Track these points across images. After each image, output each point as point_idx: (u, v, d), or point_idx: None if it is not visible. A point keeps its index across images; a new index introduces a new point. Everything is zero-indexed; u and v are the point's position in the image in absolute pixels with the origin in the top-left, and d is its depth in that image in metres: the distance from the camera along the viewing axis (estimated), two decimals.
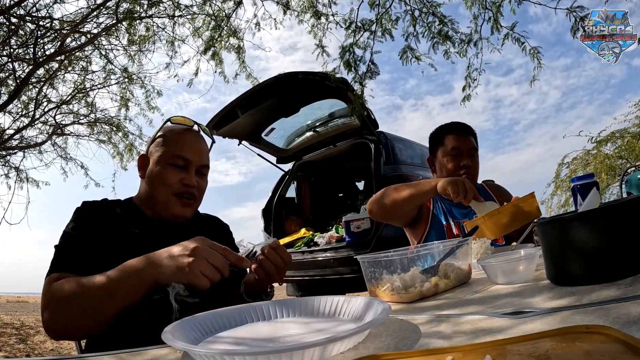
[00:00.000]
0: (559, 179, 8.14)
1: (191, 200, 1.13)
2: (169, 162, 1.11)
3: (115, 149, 6.86)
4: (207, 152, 1.19)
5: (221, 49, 4.55)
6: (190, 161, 1.12)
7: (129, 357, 0.62)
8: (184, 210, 1.12)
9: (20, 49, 5.01)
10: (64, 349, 4.51)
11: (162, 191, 1.10)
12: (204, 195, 1.20)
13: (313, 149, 4.73)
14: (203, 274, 0.80)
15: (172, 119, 1.20)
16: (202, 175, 1.17)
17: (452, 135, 1.79)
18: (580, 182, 1.28)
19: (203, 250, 0.82)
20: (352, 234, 3.82)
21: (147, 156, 1.16)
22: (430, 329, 0.56)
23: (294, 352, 0.46)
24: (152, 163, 1.13)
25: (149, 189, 1.13)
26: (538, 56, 3.61)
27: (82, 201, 1.11)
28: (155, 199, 1.12)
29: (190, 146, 1.13)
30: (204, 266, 0.80)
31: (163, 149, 1.12)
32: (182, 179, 1.10)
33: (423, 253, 0.91)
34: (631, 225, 0.63)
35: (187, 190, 1.11)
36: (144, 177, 1.14)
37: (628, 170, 2.24)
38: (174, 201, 1.10)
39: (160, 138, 1.16)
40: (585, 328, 0.40)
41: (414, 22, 3.91)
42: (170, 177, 1.09)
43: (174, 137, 1.14)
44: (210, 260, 0.81)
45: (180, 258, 0.81)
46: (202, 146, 1.17)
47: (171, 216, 1.12)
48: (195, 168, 1.13)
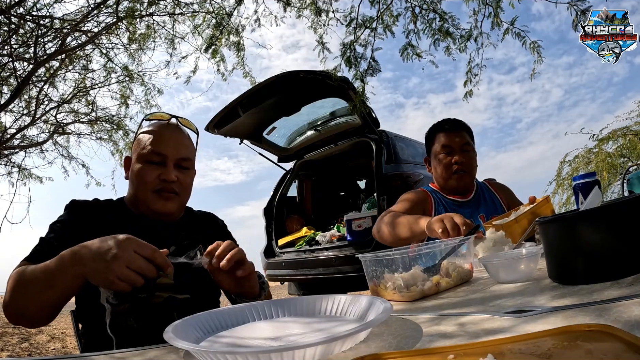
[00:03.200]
0: (560, 177, 8.14)
1: (172, 194, 1.10)
2: (145, 160, 1.09)
3: (115, 147, 6.89)
4: (187, 145, 1.16)
5: (222, 47, 4.55)
6: (166, 155, 1.09)
7: (129, 357, 0.62)
8: (165, 205, 1.09)
9: (21, 48, 5.02)
10: (66, 349, 4.53)
11: (142, 189, 1.09)
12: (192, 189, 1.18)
13: (314, 147, 4.73)
14: (121, 279, 0.76)
15: (148, 116, 1.19)
16: (183, 169, 1.13)
17: (442, 132, 1.79)
18: (581, 180, 1.28)
19: (122, 258, 0.76)
20: (353, 233, 3.82)
21: (130, 157, 1.16)
22: (431, 328, 0.56)
23: (296, 350, 0.46)
24: (133, 162, 1.12)
25: (131, 189, 1.12)
26: (538, 50, 3.61)
27: (71, 199, 1.11)
28: (137, 198, 1.11)
29: (166, 140, 1.11)
30: (123, 274, 0.76)
31: (140, 147, 1.11)
32: (159, 174, 1.08)
33: (425, 252, 0.91)
34: (633, 224, 0.63)
35: (165, 185, 1.09)
36: (128, 178, 1.14)
37: (629, 169, 2.23)
38: (154, 198, 1.08)
39: (139, 136, 1.15)
40: (586, 327, 0.40)
41: (415, 19, 3.91)
42: (147, 174, 1.08)
43: (149, 134, 1.13)
44: (130, 266, 0.76)
45: (99, 263, 0.77)
46: (179, 139, 1.14)
47: (154, 214, 1.10)
48: (173, 162, 1.10)
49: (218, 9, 4.48)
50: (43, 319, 0.89)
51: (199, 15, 4.76)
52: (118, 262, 0.76)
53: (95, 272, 0.78)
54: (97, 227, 1.03)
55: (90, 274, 0.78)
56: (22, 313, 0.88)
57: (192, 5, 4.76)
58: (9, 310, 0.88)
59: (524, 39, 3.63)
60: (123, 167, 1.18)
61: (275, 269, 4.34)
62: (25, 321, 0.91)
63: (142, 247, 0.79)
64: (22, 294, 0.86)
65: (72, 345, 4.56)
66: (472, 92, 3.91)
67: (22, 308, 0.87)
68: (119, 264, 0.76)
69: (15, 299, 0.87)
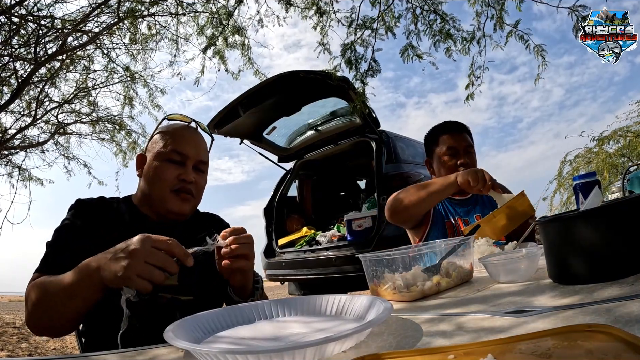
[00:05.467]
0: (561, 176, 8.13)
1: (189, 196, 1.11)
2: (165, 158, 1.10)
3: (118, 148, 6.89)
4: (205, 149, 1.18)
5: (224, 47, 4.55)
6: (187, 156, 1.10)
7: (130, 357, 0.62)
8: (181, 206, 1.10)
9: (21, 49, 5.02)
10: (66, 348, 4.53)
11: (159, 187, 1.09)
12: (203, 193, 1.18)
13: (315, 147, 4.73)
14: (141, 276, 0.75)
15: (169, 116, 1.20)
16: (200, 172, 1.15)
17: (446, 134, 1.79)
18: (582, 180, 1.28)
19: (140, 251, 0.75)
20: (353, 233, 3.82)
21: (145, 155, 1.16)
22: (432, 328, 0.56)
23: (296, 350, 0.46)
24: (149, 160, 1.12)
25: (146, 187, 1.12)
26: (542, 54, 3.59)
27: (77, 199, 1.10)
28: (152, 196, 1.10)
29: (187, 141, 1.12)
30: (140, 269, 0.75)
31: (160, 145, 1.12)
32: (179, 174, 1.09)
33: (425, 251, 0.91)
34: (633, 224, 0.63)
35: (184, 185, 1.09)
36: (142, 176, 1.14)
37: (630, 169, 2.24)
38: (171, 197, 1.09)
39: (157, 135, 1.15)
40: (587, 327, 0.40)
41: (415, 20, 3.90)
42: (167, 172, 1.08)
43: (170, 133, 1.14)
44: (149, 261, 0.75)
45: (116, 262, 0.77)
46: (199, 142, 1.16)
47: (169, 213, 1.10)
48: (192, 163, 1.11)
49: (220, 8, 4.48)
50: (67, 329, 0.92)
51: (202, 16, 4.77)
52: (136, 257, 0.75)
53: (113, 274, 0.76)
54: (103, 225, 1.04)
55: (109, 277, 0.77)
56: (46, 327, 0.90)
57: (195, 5, 4.77)
58: (32, 323, 0.90)
59: (527, 42, 3.62)
60: (135, 164, 1.18)
61: (276, 269, 4.34)
62: (50, 333, 0.93)
63: (159, 240, 0.78)
64: (45, 310, 0.87)
65: (72, 345, 4.56)
66: (473, 95, 3.91)
67: (46, 322, 0.89)
68: (137, 259, 0.75)
69: (38, 315, 0.88)
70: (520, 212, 1.30)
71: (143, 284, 0.75)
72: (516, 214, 1.30)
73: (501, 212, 1.30)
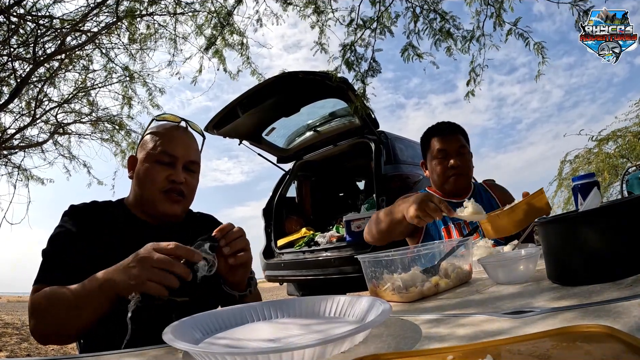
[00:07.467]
0: (561, 176, 8.15)
1: (180, 197, 1.10)
2: (155, 159, 1.09)
3: (117, 147, 6.88)
4: (196, 149, 1.17)
5: (223, 46, 4.55)
6: (176, 157, 1.09)
7: (129, 357, 0.62)
8: (172, 207, 1.09)
9: (20, 48, 5.02)
10: (65, 349, 4.52)
11: (149, 189, 1.08)
12: (196, 193, 1.17)
13: (314, 148, 4.73)
14: (153, 281, 0.77)
15: (158, 117, 1.19)
16: (190, 172, 1.14)
17: (436, 137, 1.79)
18: (580, 181, 1.28)
19: (147, 258, 0.78)
20: (352, 234, 3.81)
21: (136, 157, 1.15)
22: (430, 329, 0.56)
23: (295, 352, 0.46)
24: (140, 162, 1.12)
25: (137, 189, 1.11)
26: (543, 51, 3.58)
27: (70, 205, 1.09)
28: (143, 198, 1.10)
29: (177, 142, 1.11)
30: (151, 274, 0.77)
31: (149, 146, 1.11)
32: (168, 175, 1.08)
33: (424, 252, 0.91)
34: (632, 225, 0.63)
35: (174, 186, 1.08)
36: (132, 178, 1.13)
37: (629, 170, 2.24)
38: (162, 198, 1.08)
39: (148, 136, 1.14)
40: (585, 327, 0.40)
41: (415, 19, 3.90)
42: (156, 174, 1.08)
43: (160, 134, 1.12)
44: (157, 266, 0.78)
45: (127, 271, 0.79)
46: (189, 142, 1.15)
47: (160, 214, 1.09)
48: (182, 164, 1.10)
49: (219, 8, 4.48)
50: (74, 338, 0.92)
51: (200, 15, 4.76)
52: (143, 263, 0.78)
53: (127, 284, 0.79)
54: (98, 230, 1.03)
55: (121, 285, 0.79)
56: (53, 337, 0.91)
57: (194, 4, 4.76)
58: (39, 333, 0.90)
59: (527, 40, 3.61)
60: (127, 166, 1.17)
61: (275, 270, 4.34)
62: (57, 342, 0.94)
63: (163, 247, 0.81)
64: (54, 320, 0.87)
65: (70, 346, 4.55)
66: (473, 92, 3.90)
67: (54, 331, 0.89)
68: (144, 265, 0.78)
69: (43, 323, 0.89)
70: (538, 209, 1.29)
71: (155, 288, 0.78)
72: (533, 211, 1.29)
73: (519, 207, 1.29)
